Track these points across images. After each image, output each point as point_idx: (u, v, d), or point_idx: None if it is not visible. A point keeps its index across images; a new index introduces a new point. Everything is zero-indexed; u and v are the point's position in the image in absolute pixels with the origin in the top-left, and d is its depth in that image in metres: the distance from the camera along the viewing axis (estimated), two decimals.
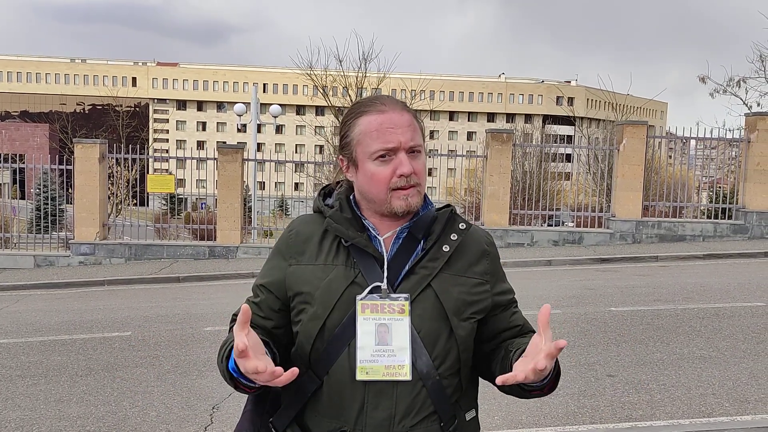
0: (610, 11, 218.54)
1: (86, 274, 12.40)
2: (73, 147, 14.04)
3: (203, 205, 24.31)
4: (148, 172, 14.74)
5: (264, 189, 16.00)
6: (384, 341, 1.46)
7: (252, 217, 16.51)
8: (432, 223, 1.55)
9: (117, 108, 35.86)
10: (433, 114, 68.47)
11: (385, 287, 1.47)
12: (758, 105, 18.10)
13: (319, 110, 65.87)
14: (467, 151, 19.58)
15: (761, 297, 8.16)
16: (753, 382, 5.10)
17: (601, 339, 6.42)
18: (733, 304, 7.72)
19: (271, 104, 24.79)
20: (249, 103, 21.89)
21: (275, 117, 22.24)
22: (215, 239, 13.83)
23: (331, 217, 1.54)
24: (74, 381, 5.64)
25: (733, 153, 16.88)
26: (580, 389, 5.02)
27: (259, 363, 1.31)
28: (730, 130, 15.10)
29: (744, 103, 18.50)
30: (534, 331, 1.61)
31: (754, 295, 8.37)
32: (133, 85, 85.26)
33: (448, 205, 1.63)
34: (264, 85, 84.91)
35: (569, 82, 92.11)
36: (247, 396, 1.63)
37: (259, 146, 21.85)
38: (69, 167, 13.87)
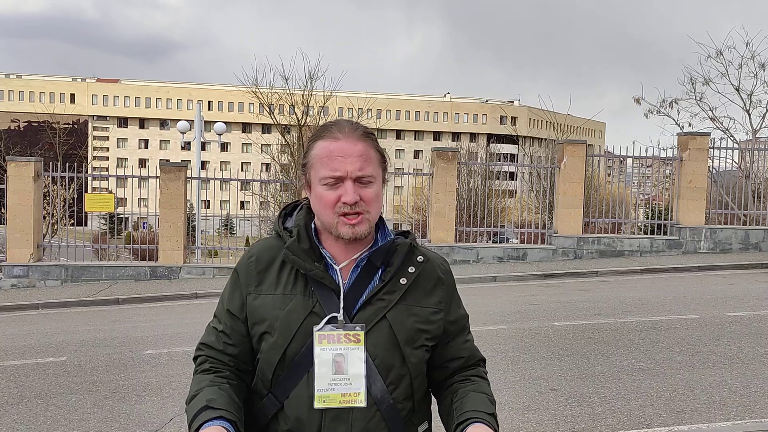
0: (550, 35, 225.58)
1: (19, 297, 11.88)
2: (6, 165, 13.52)
3: (145, 225, 23.70)
4: (86, 191, 14.28)
5: (209, 207, 15.73)
6: (341, 370, 1.51)
7: (196, 236, 16.20)
8: (392, 253, 1.59)
9: (54, 125, 34.67)
10: (381, 132, 68.92)
11: (341, 318, 1.52)
12: (689, 125, 18.89)
13: (266, 128, 65.46)
14: (414, 169, 19.75)
15: (695, 309, 8.46)
16: (689, 393, 5.26)
17: (544, 353, 6.52)
18: (669, 317, 7.98)
19: (216, 122, 24.50)
20: (193, 120, 21.59)
21: (219, 135, 21.99)
22: (157, 259, 13.48)
23: (288, 248, 1.58)
24: (4, 410, 5.37)
25: (667, 171, 17.54)
26: (525, 404, 5.08)
27: None
28: (663, 149, 15.73)
29: (676, 123, 19.32)
30: (483, 359, 1.70)
31: (689, 307, 8.67)
32: (71, 102, 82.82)
33: (408, 233, 1.67)
34: (209, 102, 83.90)
35: (512, 102, 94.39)
36: None
37: (203, 164, 21.54)
38: (1, 186, 13.34)
